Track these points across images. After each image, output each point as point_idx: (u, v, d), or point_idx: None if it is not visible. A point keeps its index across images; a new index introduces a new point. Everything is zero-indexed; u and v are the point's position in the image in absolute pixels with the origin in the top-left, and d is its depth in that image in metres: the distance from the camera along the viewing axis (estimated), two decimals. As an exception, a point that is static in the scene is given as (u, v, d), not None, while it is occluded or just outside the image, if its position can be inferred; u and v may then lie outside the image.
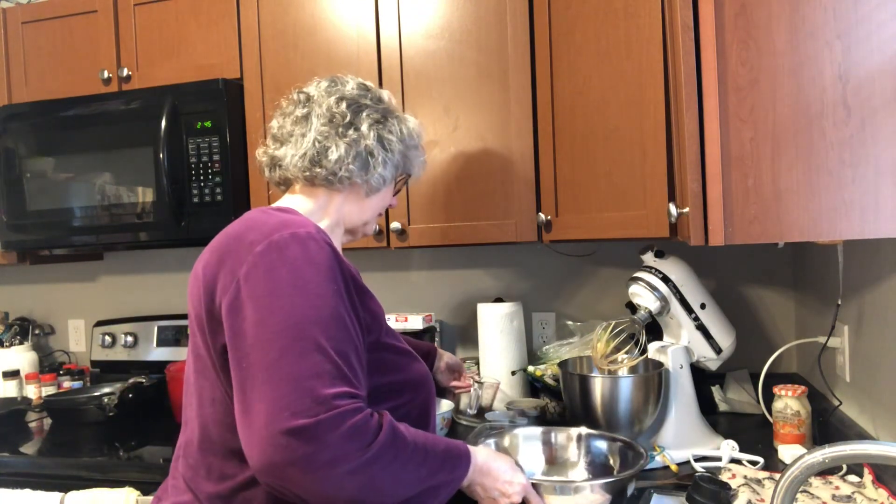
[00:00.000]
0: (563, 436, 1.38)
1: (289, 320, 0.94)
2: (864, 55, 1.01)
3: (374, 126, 1.19)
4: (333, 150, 1.16)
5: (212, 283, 1.03)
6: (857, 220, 1.03)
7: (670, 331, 1.63)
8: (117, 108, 1.93)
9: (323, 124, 1.18)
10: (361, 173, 1.18)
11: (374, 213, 1.27)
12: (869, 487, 1.22)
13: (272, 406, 0.90)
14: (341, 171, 1.16)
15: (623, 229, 1.50)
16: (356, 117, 1.19)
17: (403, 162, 1.25)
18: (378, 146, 1.19)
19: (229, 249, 1.03)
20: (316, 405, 0.89)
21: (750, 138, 1.06)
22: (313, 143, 1.17)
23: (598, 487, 1.15)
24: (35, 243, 2.05)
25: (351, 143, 1.17)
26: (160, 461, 1.66)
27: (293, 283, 0.96)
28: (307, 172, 1.18)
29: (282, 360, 0.92)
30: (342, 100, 1.19)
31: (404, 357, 1.14)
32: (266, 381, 0.92)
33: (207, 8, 1.96)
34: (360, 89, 1.22)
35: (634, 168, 1.47)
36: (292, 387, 0.90)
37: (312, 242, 1.00)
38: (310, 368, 0.92)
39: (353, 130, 1.18)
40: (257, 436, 0.90)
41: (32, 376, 2.27)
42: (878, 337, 1.34)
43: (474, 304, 2.04)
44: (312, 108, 1.20)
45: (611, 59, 1.50)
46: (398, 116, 1.25)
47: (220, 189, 1.86)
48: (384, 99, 1.25)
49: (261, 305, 0.96)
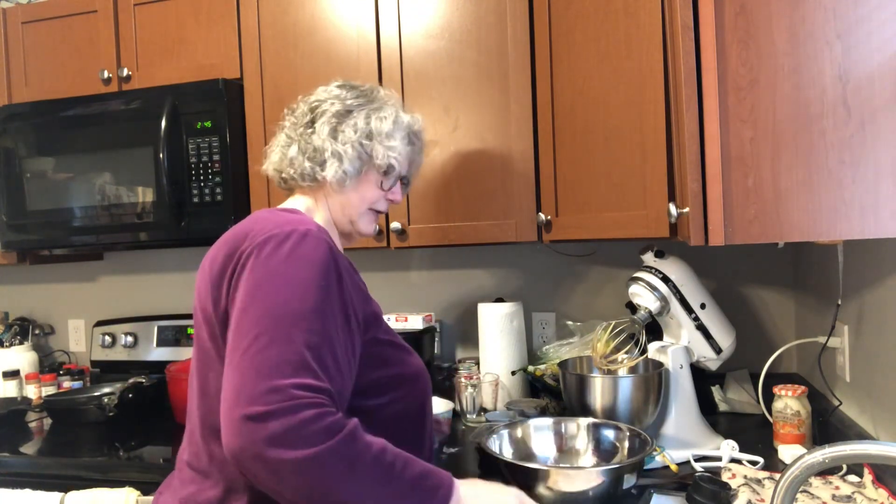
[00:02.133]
0: (573, 425, 1.43)
1: (267, 309, 0.96)
2: (864, 55, 1.01)
3: (330, 122, 1.22)
4: (291, 150, 1.23)
5: (218, 277, 1.06)
6: (857, 220, 1.03)
7: (670, 331, 1.63)
8: (117, 108, 1.93)
9: (289, 129, 1.26)
10: (318, 168, 1.21)
11: (357, 208, 1.26)
12: (869, 487, 1.22)
13: (235, 392, 0.92)
14: (299, 168, 1.21)
15: (623, 229, 1.50)
16: (318, 116, 1.23)
17: (369, 154, 1.23)
18: (329, 140, 1.21)
19: (236, 245, 1.06)
20: (271, 393, 0.90)
21: (750, 138, 1.06)
22: (279, 149, 1.25)
23: (599, 472, 1.20)
24: (35, 243, 2.05)
25: (305, 140, 1.22)
26: (160, 461, 1.66)
27: (281, 275, 0.99)
28: (280, 174, 1.26)
29: (251, 347, 0.94)
30: (313, 102, 1.25)
31: (401, 352, 1.17)
32: (236, 366, 0.94)
33: (207, 8, 1.96)
34: (340, 89, 1.26)
35: (634, 168, 1.47)
36: (254, 373, 0.92)
37: (311, 238, 1.03)
38: (275, 357, 0.93)
39: (308, 129, 1.23)
40: (223, 419, 0.92)
41: (32, 376, 2.27)
42: (878, 337, 1.34)
43: (474, 304, 2.04)
44: (293, 115, 1.27)
45: (611, 59, 1.50)
46: (372, 109, 1.24)
47: (220, 189, 1.87)
48: (368, 94, 1.27)
49: (247, 294, 0.99)
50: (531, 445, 1.42)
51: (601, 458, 1.38)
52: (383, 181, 1.28)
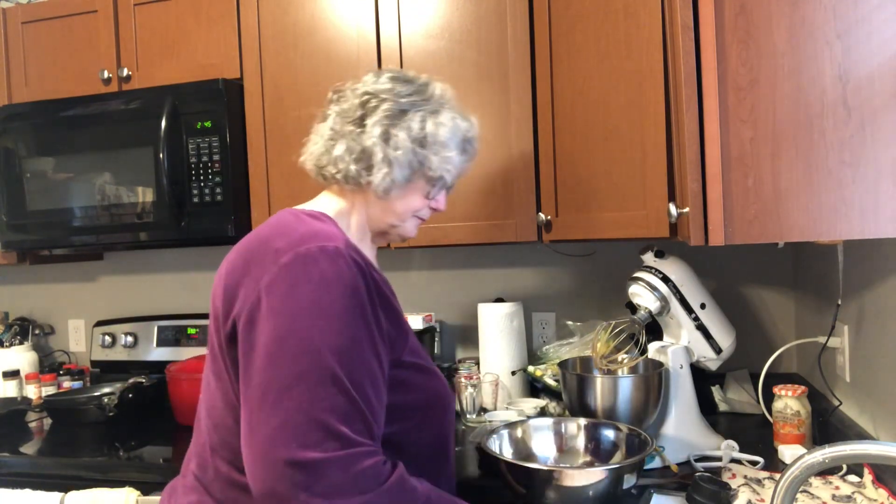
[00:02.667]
0: (573, 425, 1.43)
1: (306, 344, 0.90)
2: (864, 55, 1.01)
3: (382, 122, 1.11)
4: (337, 147, 1.13)
5: (234, 288, 1.00)
6: (857, 220, 1.03)
7: (670, 331, 1.63)
8: (117, 108, 1.93)
9: (335, 121, 1.14)
10: (364, 173, 1.12)
11: (400, 216, 1.19)
12: (869, 487, 1.22)
13: (279, 433, 0.87)
14: (344, 169, 1.12)
15: (623, 229, 1.50)
16: (370, 113, 1.12)
17: (421, 162, 1.14)
18: (381, 143, 1.11)
19: (255, 255, 0.99)
20: (329, 440, 0.86)
21: (750, 138, 1.06)
22: (325, 141, 1.15)
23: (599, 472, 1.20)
24: (35, 243, 2.05)
25: (353, 139, 1.12)
26: (160, 461, 1.66)
27: (316, 304, 0.92)
28: (320, 170, 1.16)
29: (295, 386, 0.88)
30: (363, 94, 1.14)
31: (425, 375, 1.10)
32: (275, 404, 0.88)
33: (207, 8, 1.96)
34: (393, 82, 1.15)
35: (634, 168, 1.46)
36: (304, 417, 0.87)
37: (341, 260, 0.96)
38: (325, 400, 0.88)
39: (358, 127, 1.12)
40: (260, 461, 0.87)
41: (32, 376, 2.27)
42: (878, 337, 1.34)
43: (474, 304, 2.04)
44: (340, 104, 1.16)
45: (611, 59, 1.50)
46: (428, 111, 1.14)
47: (220, 189, 1.86)
48: (423, 91, 1.16)
49: (279, 323, 0.92)
50: (531, 445, 1.42)
51: (601, 458, 1.38)
52: (430, 191, 1.19)
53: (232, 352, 1.00)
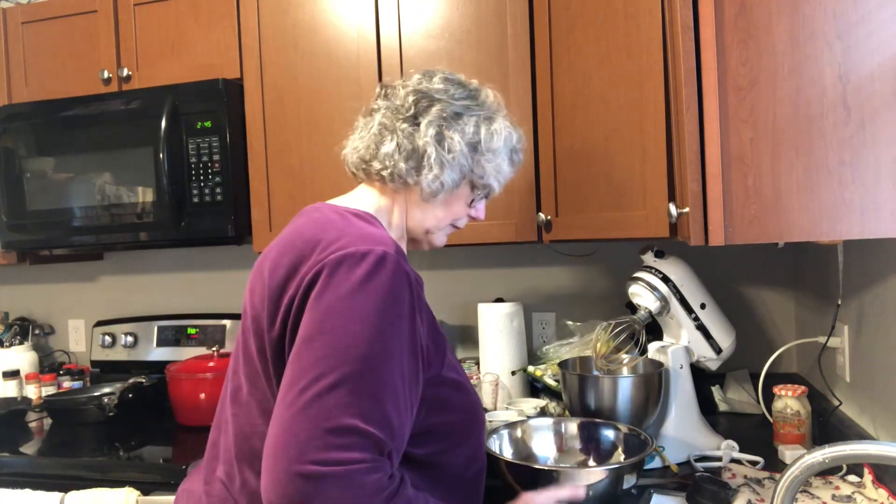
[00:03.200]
0: (573, 425, 1.43)
1: (333, 347, 0.87)
2: (864, 55, 1.01)
3: (437, 123, 1.08)
4: (386, 144, 1.08)
5: (279, 288, 0.96)
6: (857, 220, 1.03)
7: (670, 331, 1.63)
8: (117, 108, 1.93)
9: (385, 117, 1.10)
10: (413, 173, 1.08)
11: (439, 222, 1.15)
12: (869, 487, 1.22)
13: (288, 441, 0.85)
14: (393, 166, 1.08)
15: (623, 229, 1.50)
16: (423, 112, 1.09)
17: (472, 167, 1.11)
18: (434, 144, 1.07)
19: (303, 255, 0.96)
20: (330, 451, 0.84)
21: (750, 138, 1.06)
22: (373, 136, 1.10)
23: (599, 472, 1.20)
24: (35, 243, 2.05)
25: (405, 137, 1.08)
26: (160, 461, 1.66)
27: (352, 308, 0.89)
28: (364, 165, 1.11)
29: (309, 389, 0.86)
30: (415, 92, 1.10)
31: (462, 393, 1.07)
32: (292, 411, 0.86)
33: (207, 8, 1.96)
34: (446, 83, 1.12)
35: (634, 168, 1.46)
36: (316, 426, 0.84)
37: (389, 264, 0.92)
38: (339, 408, 0.85)
39: (411, 125, 1.08)
40: (272, 467, 0.85)
41: (32, 376, 2.27)
42: (878, 337, 1.34)
43: (474, 304, 2.04)
44: (390, 100, 1.12)
45: (611, 59, 1.50)
46: (482, 116, 1.12)
47: (220, 189, 1.86)
48: (476, 96, 1.14)
49: (313, 323, 0.90)
50: (531, 445, 1.42)
51: (601, 458, 1.38)
52: (473, 198, 1.17)
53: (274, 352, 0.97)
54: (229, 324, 2.27)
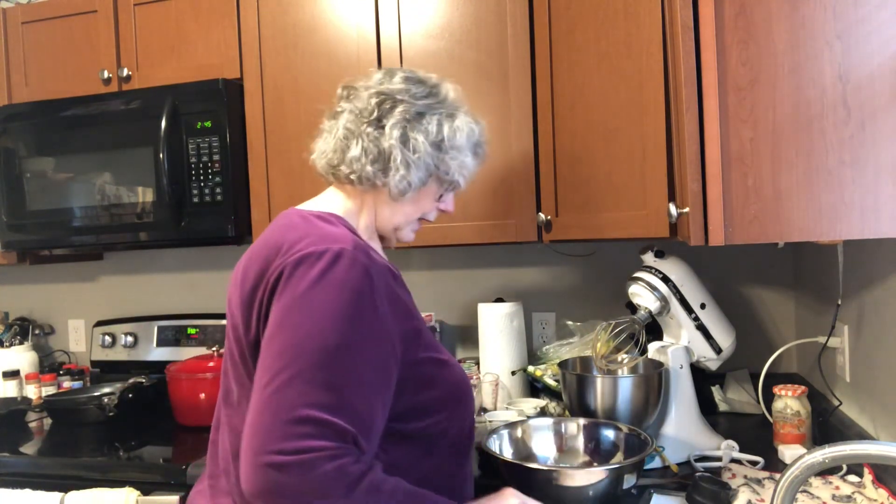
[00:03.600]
0: (573, 425, 1.43)
1: (291, 343, 0.92)
2: (864, 55, 1.01)
3: (401, 124, 1.11)
4: (353, 147, 1.11)
5: (249, 295, 1.01)
6: (857, 220, 1.03)
7: (670, 331, 1.63)
8: (117, 108, 1.93)
9: (350, 121, 1.13)
10: (381, 174, 1.11)
11: (408, 217, 1.18)
12: (869, 487, 1.22)
13: (255, 434, 0.90)
14: (361, 170, 1.11)
15: (623, 229, 1.50)
16: (386, 114, 1.11)
17: (437, 164, 1.14)
18: (400, 146, 1.10)
19: (268, 260, 1.00)
20: (288, 440, 0.87)
21: (750, 138, 1.06)
22: (338, 140, 1.13)
23: (599, 472, 1.20)
24: (35, 243, 2.05)
25: (371, 141, 1.10)
26: (160, 461, 1.66)
27: (308, 304, 0.93)
28: (332, 169, 1.15)
29: (271, 384, 0.91)
30: (378, 94, 1.12)
31: (443, 368, 1.09)
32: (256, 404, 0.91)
33: (207, 8, 1.96)
34: (407, 83, 1.14)
35: (634, 168, 1.47)
36: (271, 416, 0.89)
37: (345, 260, 0.95)
38: (294, 398, 0.89)
39: (376, 129, 1.11)
40: (244, 460, 0.90)
41: (32, 376, 2.27)
42: (878, 337, 1.34)
43: (474, 304, 2.04)
44: (352, 102, 1.14)
45: (611, 59, 1.50)
46: (444, 114, 1.14)
47: (220, 189, 1.86)
48: (436, 93, 1.16)
49: (274, 323, 0.94)
50: (531, 445, 1.42)
51: (601, 458, 1.38)
52: (442, 193, 1.20)
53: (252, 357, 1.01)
54: (229, 324, 2.26)
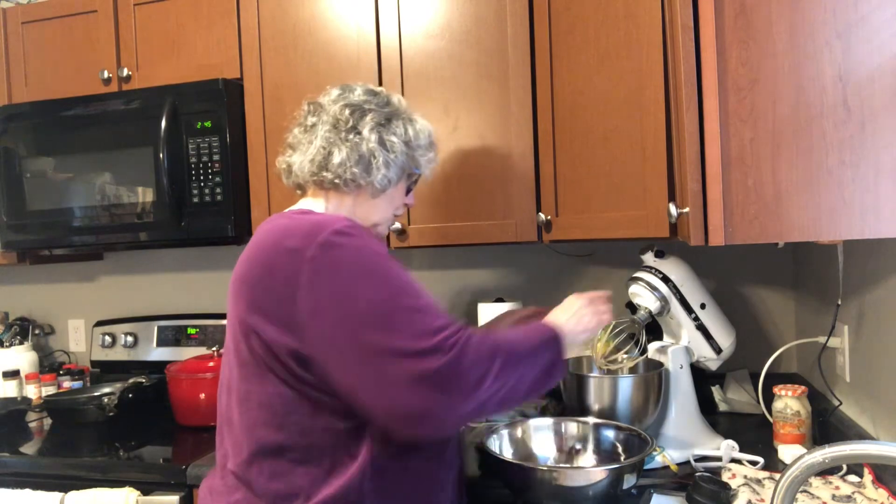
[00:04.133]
0: (573, 425, 1.43)
1: (379, 299, 1.02)
2: (864, 55, 1.01)
3: (376, 129, 1.24)
4: (336, 153, 1.22)
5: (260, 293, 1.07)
6: (857, 220, 1.03)
7: (670, 331, 1.63)
8: (117, 108, 1.93)
9: (328, 130, 1.24)
10: (365, 175, 1.23)
11: (384, 213, 1.31)
12: (869, 487, 1.22)
13: (402, 361, 0.99)
14: (346, 173, 1.22)
15: (623, 229, 1.50)
16: (359, 122, 1.24)
17: (409, 162, 1.28)
18: (379, 148, 1.23)
19: (275, 261, 1.07)
20: (439, 344, 1.00)
21: (750, 138, 1.06)
22: (319, 149, 1.23)
23: (599, 472, 1.21)
24: (35, 243, 2.05)
25: (353, 146, 1.22)
26: (160, 461, 1.66)
27: (363, 270, 1.04)
28: (315, 177, 1.24)
29: (390, 330, 1.00)
30: (347, 106, 1.24)
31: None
32: (381, 349, 1.00)
33: (207, 8, 1.96)
34: (367, 94, 1.28)
35: (634, 168, 1.47)
36: (412, 343, 0.99)
37: (354, 230, 1.07)
38: (419, 324, 1.01)
39: (355, 135, 1.23)
40: (394, 391, 0.98)
41: (32, 376, 2.27)
42: (878, 337, 1.34)
43: (474, 304, 2.04)
44: (320, 116, 1.26)
45: (611, 59, 1.50)
46: (405, 118, 1.29)
47: (220, 189, 1.86)
48: (392, 102, 1.30)
49: (343, 301, 1.02)
50: (531, 445, 1.42)
51: (601, 458, 1.38)
52: (409, 188, 1.34)
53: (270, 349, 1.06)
54: (229, 324, 2.27)
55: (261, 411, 1.09)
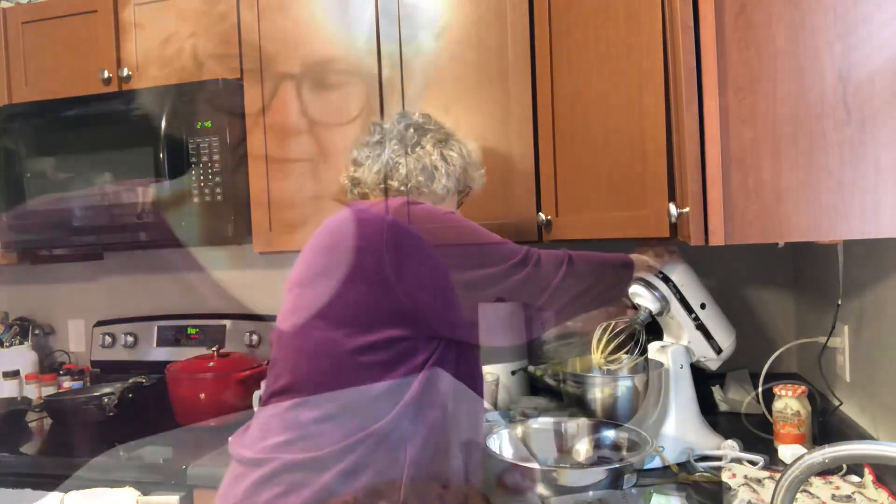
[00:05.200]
0: (573, 425, 1.44)
1: (465, 237, 1.24)
2: (864, 55, 1.01)
3: (437, 145, 1.42)
4: (403, 165, 1.39)
5: (339, 257, 1.20)
6: (857, 220, 1.03)
7: (670, 331, 1.63)
8: (117, 108, 1.93)
9: (395, 146, 1.41)
10: (428, 183, 1.39)
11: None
12: (869, 487, 1.22)
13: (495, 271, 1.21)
14: (411, 181, 1.38)
15: (623, 229, 1.50)
16: (422, 138, 1.41)
17: (464, 176, 1.46)
18: (441, 161, 1.40)
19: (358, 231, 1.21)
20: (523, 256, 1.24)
21: (750, 138, 1.06)
22: (386, 162, 1.40)
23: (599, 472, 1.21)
24: (35, 243, 2.05)
25: (418, 158, 1.39)
26: (160, 461, 1.66)
27: (441, 220, 1.25)
28: (382, 185, 1.40)
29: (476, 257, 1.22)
30: (410, 126, 1.43)
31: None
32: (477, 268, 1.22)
33: (207, 7, 1.96)
34: (424, 118, 1.47)
35: (634, 168, 1.46)
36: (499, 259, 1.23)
37: (412, 201, 1.28)
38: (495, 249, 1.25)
39: (420, 149, 1.40)
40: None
41: (32, 376, 2.27)
42: (878, 337, 1.34)
43: (474, 304, 2.03)
44: (385, 134, 1.43)
45: (611, 59, 1.50)
46: (458, 140, 1.47)
47: (220, 189, 1.86)
48: (444, 126, 1.48)
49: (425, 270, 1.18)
50: (531, 445, 1.42)
51: (601, 458, 1.38)
52: (461, 201, 1.52)
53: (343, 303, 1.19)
54: (229, 324, 2.27)
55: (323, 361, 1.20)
